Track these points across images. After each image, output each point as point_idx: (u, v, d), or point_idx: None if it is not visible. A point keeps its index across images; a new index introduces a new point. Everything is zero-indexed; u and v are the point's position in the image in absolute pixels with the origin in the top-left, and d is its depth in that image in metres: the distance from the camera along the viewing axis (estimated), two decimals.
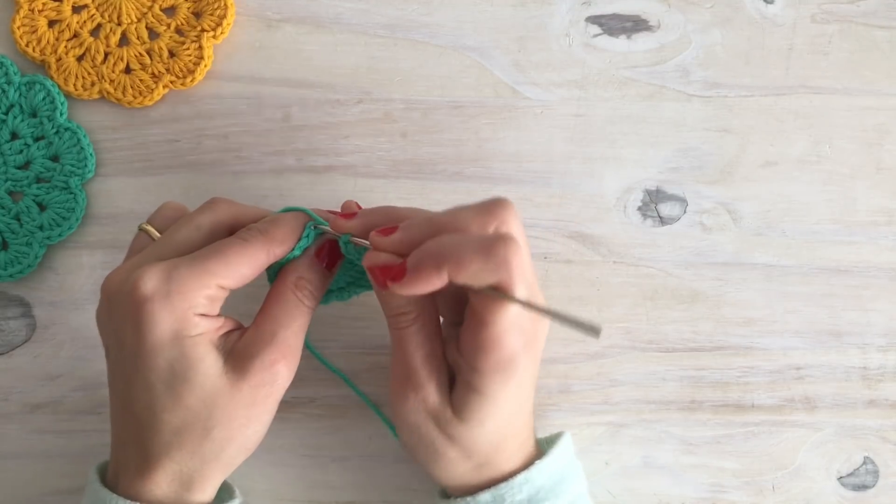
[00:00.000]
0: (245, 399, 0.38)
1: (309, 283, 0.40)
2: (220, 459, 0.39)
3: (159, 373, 0.37)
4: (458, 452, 0.40)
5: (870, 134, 0.51)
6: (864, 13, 0.52)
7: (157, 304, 0.36)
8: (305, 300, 0.40)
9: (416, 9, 0.52)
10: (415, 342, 0.39)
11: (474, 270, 0.34)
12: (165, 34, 0.51)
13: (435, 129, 0.51)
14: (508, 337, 0.36)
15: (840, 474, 0.49)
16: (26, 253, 0.48)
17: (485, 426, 0.39)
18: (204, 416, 0.38)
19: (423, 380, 0.39)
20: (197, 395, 0.37)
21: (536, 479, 0.41)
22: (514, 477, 0.40)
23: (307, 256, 0.40)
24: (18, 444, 0.48)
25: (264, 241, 0.39)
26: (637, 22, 0.52)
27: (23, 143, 0.49)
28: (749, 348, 0.50)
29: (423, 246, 0.36)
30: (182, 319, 0.37)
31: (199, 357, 0.37)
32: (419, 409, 0.39)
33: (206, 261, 0.38)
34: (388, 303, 0.39)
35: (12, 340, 0.49)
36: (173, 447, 0.38)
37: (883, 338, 0.50)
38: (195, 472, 0.38)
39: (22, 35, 0.50)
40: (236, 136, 0.50)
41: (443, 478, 0.41)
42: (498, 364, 0.37)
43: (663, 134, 0.51)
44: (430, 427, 0.39)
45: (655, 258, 0.50)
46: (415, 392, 0.39)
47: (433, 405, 0.39)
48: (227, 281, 0.38)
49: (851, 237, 0.51)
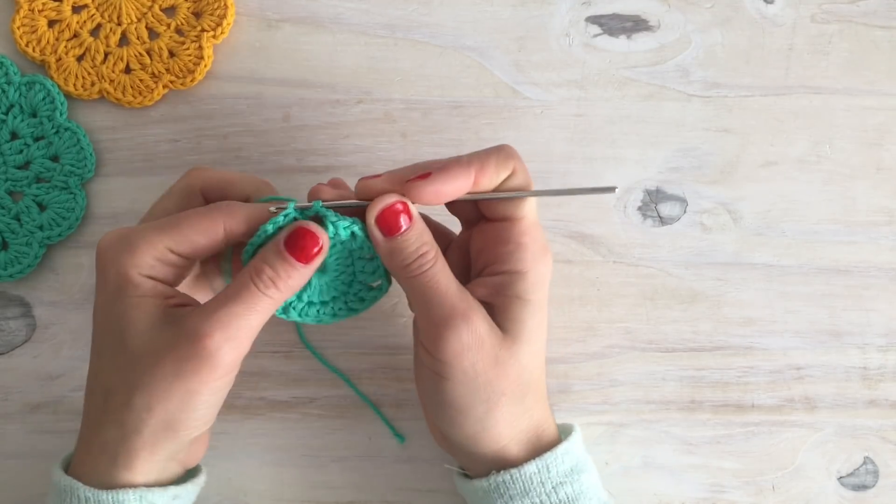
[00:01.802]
0: (168, 369, 0.36)
1: (270, 270, 0.37)
2: (142, 434, 0.37)
3: (102, 331, 0.38)
4: (511, 385, 0.39)
5: (870, 134, 0.51)
6: (864, 13, 0.52)
7: (108, 261, 0.38)
8: (263, 287, 0.37)
9: (416, 9, 0.52)
10: (446, 277, 0.39)
11: (494, 164, 0.38)
12: (165, 34, 0.51)
13: (435, 129, 0.51)
14: (537, 229, 0.40)
15: (840, 474, 0.49)
16: (26, 253, 0.48)
17: (532, 343, 0.40)
18: (130, 380, 0.37)
19: (468, 308, 0.38)
20: (126, 356, 0.37)
21: (575, 449, 0.41)
22: (558, 446, 0.41)
23: (274, 243, 0.38)
24: (18, 444, 0.48)
25: (223, 214, 0.38)
26: (637, 22, 0.52)
27: (23, 143, 0.49)
28: (749, 348, 0.50)
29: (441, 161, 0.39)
30: (125, 276, 0.37)
31: (136, 318, 0.37)
32: (473, 343, 0.38)
33: (161, 225, 0.38)
34: (403, 249, 0.38)
35: (12, 340, 0.49)
36: (102, 413, 0.38)
37: (883, 338, 0.50)
38: (119, 444, 0.38)
39: (22, 35, 0.50)
40: (236, 136, 0.50)
41: (503, 430, 0.40)
42: (536, 256, 0.39)
43: (663, 134, 0.51)
44: (484, 363, 0.38)
45: (655, 258, 0.50)
46: (466, 322, 0.38)
47: (485, 331, 0.39)
48: (179, 246, 0.38)
49: (851, 237, 0.51)
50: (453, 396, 0.39)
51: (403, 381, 0.49)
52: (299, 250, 0.38)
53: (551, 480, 0.40)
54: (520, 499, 0.40)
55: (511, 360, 0.39)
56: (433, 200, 0.38)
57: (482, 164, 0.38)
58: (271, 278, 0.38)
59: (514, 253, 0.39)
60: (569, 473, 0.40)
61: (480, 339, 0.38)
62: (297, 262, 0.38)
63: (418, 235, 0.39)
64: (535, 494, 0.40)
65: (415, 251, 0.38)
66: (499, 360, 0.39)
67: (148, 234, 0.38)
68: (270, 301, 0.38)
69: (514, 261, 0.39)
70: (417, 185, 0.38)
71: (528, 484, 0.40)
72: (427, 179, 0.38)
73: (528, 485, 0.40)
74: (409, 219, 0.38)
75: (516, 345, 0.39)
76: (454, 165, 0.38)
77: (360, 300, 0.42)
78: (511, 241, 0.39)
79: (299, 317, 0.41)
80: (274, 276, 0.38)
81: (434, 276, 0.38)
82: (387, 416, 0.48)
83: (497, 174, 0.39)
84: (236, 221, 0.38)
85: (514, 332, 0.39)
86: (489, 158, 0.39)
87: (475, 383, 0.39)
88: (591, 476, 0.41)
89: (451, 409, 0.40)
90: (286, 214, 0.39)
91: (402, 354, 0.49)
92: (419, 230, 0.39)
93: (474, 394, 0.39)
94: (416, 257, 0.38)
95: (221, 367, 0.37)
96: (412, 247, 0.38)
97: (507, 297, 0.39)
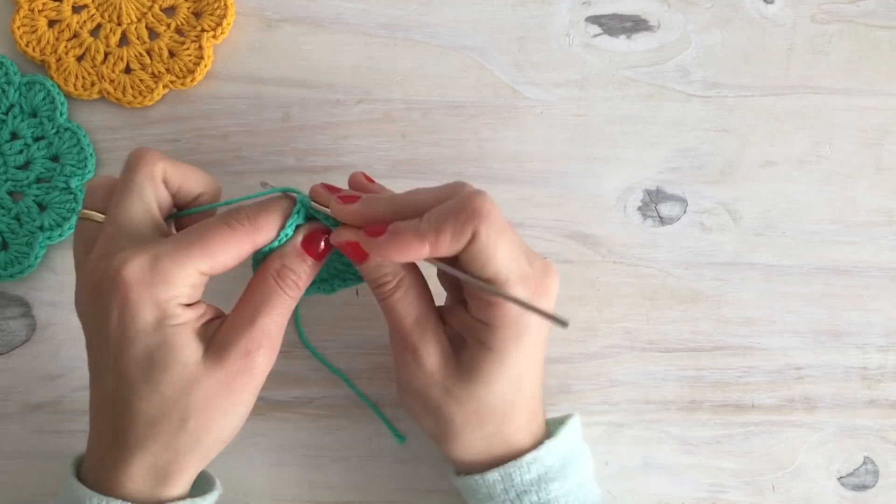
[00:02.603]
0: (221, 388, 0.37)
1: (293, 273, 0.39)
2: (196, 451, 0.38)
3: (138, 361, 0.37)
4: (466, 417, 0.40)
5: (870, 134, 0.51)
6: (864, 13, 0.52)
7: (141, 293, 0.36)
8: (288, 290, 0.39)
9: (416, 9, 0.52)
10: (402, 308, 0.39)
11: (449, 233, 0.36)
12: (165, 34, 0.51)
13: (435, 129, 0.51)
14: (509, 283, 0.37)
15: (840, 474, 0.49)
16: (26, 253, 0.48)
17: (493, 387, 0.39)
18: (181, 406, 0.37)
19: (417, 342, 0.39)
20: (174, 385, 0.37)
21: (545, 458, 0.41)
22: (524, 456, 0.41)
23: (293, 246, 0.39)
24: (18, 444, 0.48)
25: (251, 229, 0.38)
26: (637, 22, 0.52)
27: (23, 143, 0.49)
28: (749, 348, 0.50)
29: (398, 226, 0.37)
30: (165, 308, 0.36)
31: (179, 346, 0.37)
32: (420, 373, 0.39)
33: (189, 248, 0.37)
34: (367, 272, 0.39)
35: (12, 340, 0.49)
36: (149, 439, 0.37)
37: (883, 338, 0.50)
38: (170, 465, 0.38)
39: (22, 35, 0.50)
40: (236, 136, 0.50)
41: (453, 451, 0.41)
42: (508, 313, 0.38)
43: (663, 134, 0.51)
44: (435, 390, 0.40)
45: (655, 258, 0.50)
46: (413, 355, 0.39)
47: (434, 366, 0.39)
48: (210, 269, 0.38)
49: (851, 237, 0.51)
50: (409, 409, 0.42)
51: None
52: (314, 249, 0.39)
53: (515, 489, 0.41)
54: (487, 501, 0.42)
55: (464, 396, 0.39)
56: (384, 259, 0.38)
57: (437, 233, 0.36)
58: (294, 281, 0.39)
59: (485, 309, 0.39)
60: (535, 482, 0.41)
61: (428, 373, 0.39)
62: (314, 259, 0.39)
63: (374, 268, 0.39)
64: (499, 501, 0.41)
65: (374, 280, 0.40)
66: (450, 393, 0.40)
67: (181, 262, 0.37)
68: (293, 301, 0.39)
69: (484, 315, 0.39)
70: (370, 243, 0.37)
71: (493, 490, 0.41)
72: (379, 241, 0.37)
73: (493, 491, 0.41)
74: (364, 256, 0.39)
75: (472, 384, 0.39)
76: (407, 235, 0.37)
77: (355, 275, 0.43)
78: (481, 297, 0.38)
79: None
80: (296, 278, 0.39)
81: (391, 306, 0.39)
82: (387, 417, 0.48)
83: (455, 243, 0.36)
84: (266, 237, 0.39)
85: (472, 374, 0.39)
86: (445, 226, 0.36)
87: (426, 406, 0.40)
88: (564, 483, 0.41)
89: (413, 417, 0.42)
90: (297, 211, 0.39)
91: None
92: (374, 264, 0.39)
93: (425, 412, 0.41)
94: (376, 284, 0.40)
95: (264, 375, 0.39)
96: (371, 276, 0.40)
97: (473, 341, 0.39)
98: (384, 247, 0.37)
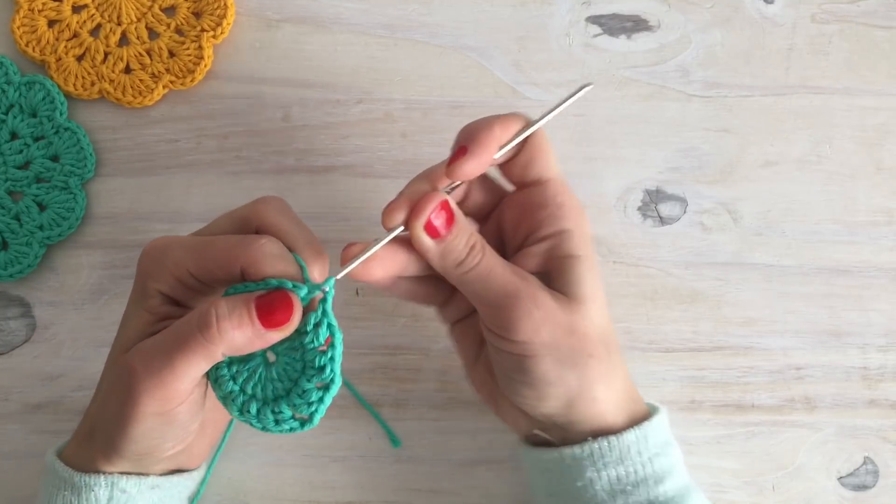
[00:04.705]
0: (107, 376, 0.38)
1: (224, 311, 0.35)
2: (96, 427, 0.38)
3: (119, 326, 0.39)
4: (596, 349, 0.38)
5: (870, 134, 0.51)
6: (864, 13, 0.52)
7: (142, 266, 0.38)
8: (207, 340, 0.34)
9: (416, 9, 0.52)
10: (498, 262, 0.38)
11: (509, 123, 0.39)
12: (165, 34, 0.51)
13: (435, 129, 0.51)
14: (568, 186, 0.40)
15: (840, 474, 0.49)
16: (26, 253, 0.48)
17: (597, 300, 0.39)
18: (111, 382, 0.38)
19: (530, 287, 0.38)
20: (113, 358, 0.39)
21: (666, 423, 0.41)
22: (654, 417, 0.40)
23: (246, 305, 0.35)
24: (18, 444, 0.48)
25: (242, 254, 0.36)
26: (637, 22, 0.52)
27: (23, 143, 0.49)
28: (749, 348, 0.50)
29: (463, 128, 0.39)
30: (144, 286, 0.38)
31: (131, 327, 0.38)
32: (546, 317, 0.37)
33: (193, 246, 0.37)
34: (454, 248, 0.38)
35: (12, 340, 0.49)
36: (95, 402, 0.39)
37: (883, 338, 0.50)
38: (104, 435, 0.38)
39: (22, 35, 0.50)
40: (236, 136, 0.50)
41: (604, 395, 0.39)
42: (576, 211, 0.39)
43: (663, 134, 0.51)
44: (562, 333, 0.38)
45: (655, 258, 0.50)
46: (531, 300, 0.37)
47: (552, 303, 0.38)
48: (198, 273, 0.37)
49: (851, 237, 0.51)
50: (542, 371, 0.38)
51: (403, 381, 0.49)
52: (267, 312, 0.35)
53: (648, 451, 0.39)
54: (614, 466, 0.39)
55: (584, 322, 0.38)
56: (476, 173, 0.38)
57: (500, 120, 0.39)
58: (217, 318, 0.34)
59: (556, 213, 0.39)
60: (664, 445, 0.40)
61: (551, 312, 0.38)
62: (259, 320, 0.35)
63: (464, 229, 0.38)
64: (631, 464, 0.39)
65: (465, 246, 0.38)
66: (574, 326, 0.38)
67: (178, 253, 0.37)
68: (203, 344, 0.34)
69: (558, 221, 0.39)
70: (460, 165, 0.38)
71: (626, 452, 0.39)
72: (466, 156, 0.38)
73: (626, 453, 0.39)
74: (453, 216, 0.38)
75: (584, 305, 0.38)
76: (481, 131, 0.38)
77: (306, 403, 0.36)
78: (549, 202, 0.39)
79: (239, 413, 0.37)
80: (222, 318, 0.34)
81: (488, 265, 0.38)
82: (387, 416, 0.48)
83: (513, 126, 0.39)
84: (254, 268, 0.35)
85: (578, 294, 0.39)
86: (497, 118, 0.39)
87: (560, 353, 0.38)
88: (678, 450, 0.41)
89: (542, 383, 0.38)
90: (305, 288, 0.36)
91: (402, 354, 0.49)
92: (463, 223, 0.38)
93: (562, 364, 0.38)
94: (467, 252, 0.38)
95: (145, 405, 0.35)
96: (462, 242, 0.38)
97: (560, 260, 0.39)
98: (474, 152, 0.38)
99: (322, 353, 0.36)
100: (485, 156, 0.38)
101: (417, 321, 0.49)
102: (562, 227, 0.39)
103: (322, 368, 0.36)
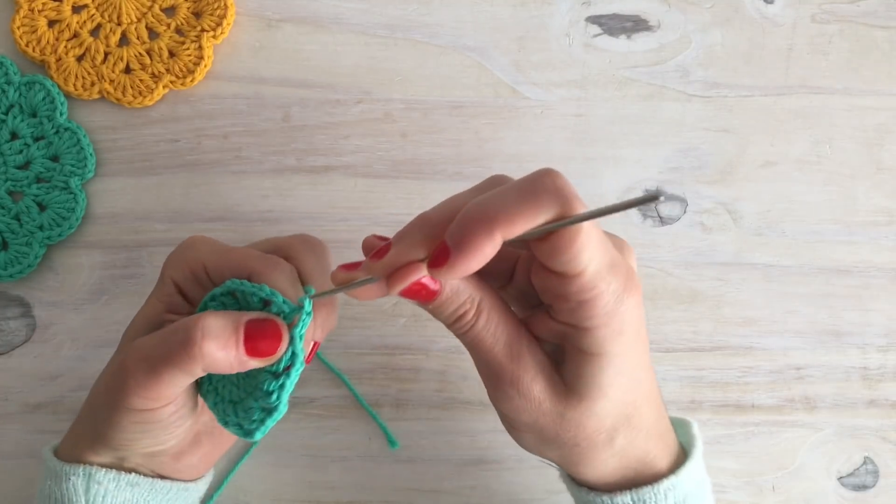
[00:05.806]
0: (112, 363, 0.39)
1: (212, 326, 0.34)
2: (88, 414, 0.39)
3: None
4: (591, 438, 0.35)
5: (870, 134, 0.51)
6: (864, 13, 0.52)
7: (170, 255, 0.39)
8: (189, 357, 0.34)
9: (416, 9, 0.52)
10: (489, 336, 0.34)
11: (528, 215, 0.30)
12: (165, 34, 0.51)
13: (435, 129, 0.51)
14: (610, 271, 0.32)
15: (840, 474, 0.49)
16: (26, 253, 0.48)
17: (611, 395, 0.34)
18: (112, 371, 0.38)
19: (516, 370, 0.34)
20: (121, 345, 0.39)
21: (685, 483, 0.37)
22: (661, 482, 0.37)
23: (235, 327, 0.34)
24: (18, 444, 0.48)
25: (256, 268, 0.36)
26: (637, 22, 0.52)
27: (23, 143, 0.49)
28: (749, 348, 0.50)
29: (458, 218, 0.31)
30: (163, 274, 0.39)
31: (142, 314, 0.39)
32: (529, 405, 0.35)
33: (216, 247, 0.38)
34: (441, 311, 0.34)
35: (12, 340, 0.49)
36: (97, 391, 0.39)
37: (883, 338, 0.50)
38: (91, 427, 0.38)
39: (22, 35, 0.50)
40: (236, 136, 0.50)
41: (587, 475, 0.37)
42: (609, 307, 0.32)
43: (663, 134, 0.51)
44: (548, 419, 0.35)
45: (655, 258, 0.50)
46: (516, 387, 0.34)
47: (541, 393, 0.34)
48: (213, 273, 0.37)
49: (851, 237, 0.51)
50: (524, 442, 0.37)
51: (403, 381, 0.49)
52: (254, 338, 0.34)
53: None
54: None
55: (580, 416, 0.35)
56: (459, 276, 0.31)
57: (508, 216, 0.30)
58: (203, 335, 0.33)
59: (575, 310, 0.32)
60: None
61: (536, 401, 0.35)
62: (243, 346, 0.34)
63: (449, 298, 0.34)
64: None
65: (452, 313, 0.34)
66: (566, 418, 0.35)
67: (202, 249, 0.38)
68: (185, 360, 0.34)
69: (575, 317, 0.33)
70: (440, 273, 0.31)
71: None
72: (447, 265, 0.30)
73: None
74: (433, 292, 0.33)
75: (584, 402, 0.34)
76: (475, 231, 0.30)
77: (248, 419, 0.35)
78: (570, 298, 0.32)
79: (213, 406, 0.37)
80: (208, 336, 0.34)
81: (476, 336, 0.34)
82: (387, 416, 0.48)
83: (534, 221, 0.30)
84: (257, 278, 0.35)
85: (580, 391, 0.34)
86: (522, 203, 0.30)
87: (543, 434, 0.36)
88: None
89: (533, 450, 0.38)
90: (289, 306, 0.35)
91: (402, 354, 0.49)
92: (449, 292, 0.33)
93: (545, 444, 0.36)
94: (454, 319, 0.34)
95: (131, 402, 0.35)
96: (448, 310, 0.34)
97: (572, 351, 0.34)
98: (456, 260, 0.30)
99: (275, 378, 0.34)
100: (473, 262, 0.30)
101: (417, 321, 0.49)
102: (579, 324, 0.33)
103: (269, 394, 0.34)
